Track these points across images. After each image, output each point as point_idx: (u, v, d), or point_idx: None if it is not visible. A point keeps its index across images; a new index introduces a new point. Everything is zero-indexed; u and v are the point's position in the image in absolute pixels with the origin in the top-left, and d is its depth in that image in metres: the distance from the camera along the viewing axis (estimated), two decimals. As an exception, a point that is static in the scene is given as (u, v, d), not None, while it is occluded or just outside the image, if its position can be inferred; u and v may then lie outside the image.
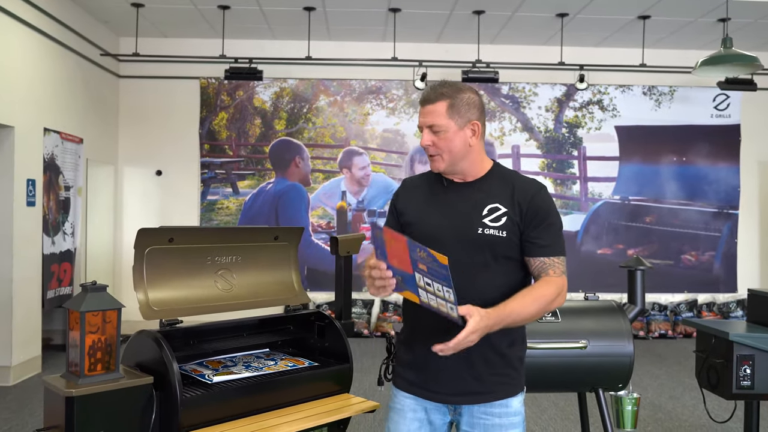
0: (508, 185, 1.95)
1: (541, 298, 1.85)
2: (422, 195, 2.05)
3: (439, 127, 1.91)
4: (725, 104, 8.03)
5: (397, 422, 2.00)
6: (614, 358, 2.89)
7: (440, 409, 1.97)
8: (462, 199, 1.96)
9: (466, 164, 1.96)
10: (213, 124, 7.80)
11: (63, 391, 1.98)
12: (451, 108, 1.91)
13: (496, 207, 1.92)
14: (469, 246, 1.90)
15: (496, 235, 1.90)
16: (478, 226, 1.90)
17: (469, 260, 1.89)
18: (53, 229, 6.05)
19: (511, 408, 1.93)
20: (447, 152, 1.93)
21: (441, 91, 1.92)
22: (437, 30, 7.33)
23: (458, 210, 1.95)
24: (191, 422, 2.13)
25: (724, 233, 8.04)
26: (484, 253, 1.90)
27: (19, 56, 5.51)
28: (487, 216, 1.91)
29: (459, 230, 1.92)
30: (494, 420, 1.91)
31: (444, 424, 1.99)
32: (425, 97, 1.94)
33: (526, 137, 7.98)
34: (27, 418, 4.57)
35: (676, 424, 4.55)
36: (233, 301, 2.53)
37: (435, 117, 1.92)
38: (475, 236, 1.90)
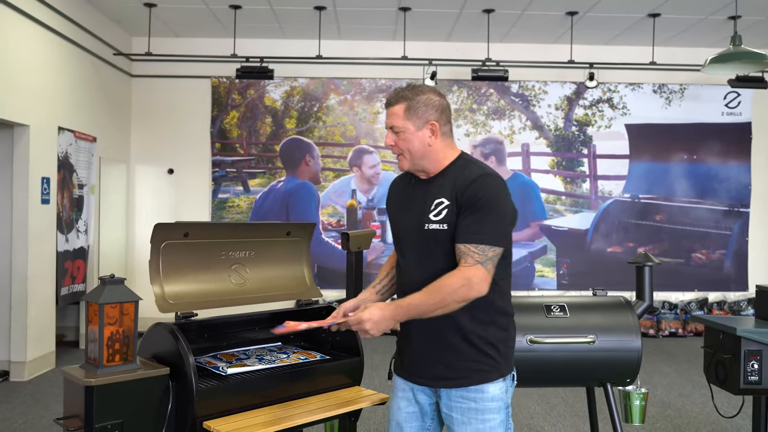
0: (455, 177, 2.01)
1: (442, 289, 1.91)
2: (397, 196, 2.22)
3: (398, 128, 2.04)
4: (736, 102, 8.01)
5: (392, 399, 2.21)
6: (622, 353, 2.91)
7: (425, 391, 2.10)
8: (420, 197, 2.08)
9: (427, 162, 2.06)
10: (224, 122, 7.86)
11: (82, 381, 2.03)
12: (408, 110, 2.02)
13: (441, 201, 2.01)
14: (421, 242, 2.03)
15: (439, 228, 1.99)
16: (425, 222, 2.02)
17: (424, 255, 2.03)
18: (67, 226, 6.13)
19: (488, 393, 1.99)
20: (407, 152, 2.05)
21: (401, 94, 2.04)
22: (447, 29, 7.36)
23: (415, 207, 2.07)
24: (206, 412, 2.18)
25: (735, 231, 8.02)
26: (433, 247, 2.01)
27: (33, 56, 5.59)
28: (432, 211, 2.01)
29: (414, 227, 2.06)
30: (470, 404, 2.00)
31: (430, 404, 2.11)
32: (388, 99, 2.08)
33: (535, 136, 8.00)
34: (42, 411, 4.64)
35: (685, 421, 4.56)
36: (246, 295, 2.58)
37: (394, 119, 2.04)
38: (423, 232, 2.02)
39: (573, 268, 7.93)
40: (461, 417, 2.00)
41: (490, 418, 1.99)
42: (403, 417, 2.13)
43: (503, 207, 1.98)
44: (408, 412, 2.13)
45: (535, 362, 2.87)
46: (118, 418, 2.06)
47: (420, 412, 2.12)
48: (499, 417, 2.00)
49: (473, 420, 1.99)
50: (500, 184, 2.00)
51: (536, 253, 7.92)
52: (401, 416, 2.13)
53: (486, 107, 7.97)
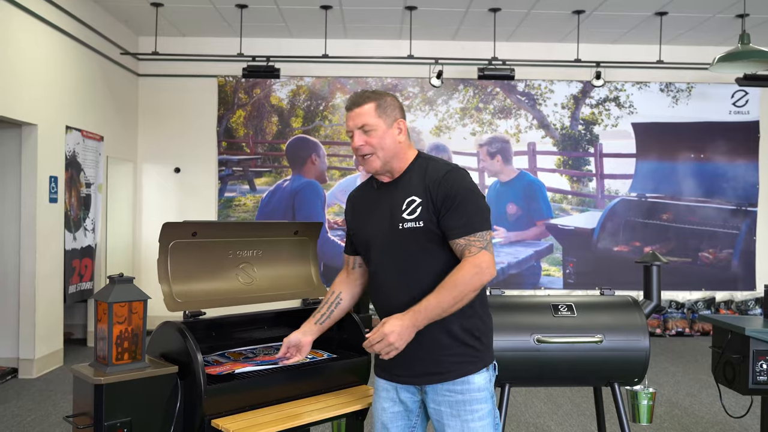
0: (421, 175, 2.04)
1: (457, 283, 1.92)
2: (360, 204, 2.22)
3: (370, 126, 2.03)
4: (744, 101, 7.98)
5: (375, 401, 2.20)
6: (630, 352, 2.90)
7: (409, 389, 2.11)
8: (388, 199, 2.08)
9: (396, 161, 2.08)
10: (230, 121, 7.88)
11: (92, 379, 2.04)
12: (378, 108, 2.04)
13: (413, 199, 2.02)
14: (396, 242, 2.03)
15: (414, 226, 2.00)
16: (399, 222, 2.02)
17: (400, 256, 2.03)
18: (75, 225, 6.15)
19: (474, 384, 2.02)
20: (380, 149, 2.04)
21: (366, 95, 2.06)
22: (453, 27, 7.36)
23: (384, 211, 2.08)
24: (214, 411, 2.18)
25: (743, 230, 7.99)
26: (409, 247, 2.02)
27: (41, 55, 5.62)
28: (405, 210, 2.02)
29: (386, 230, 2.05)
30: (457, 396, 2.02)
31: (414, 402, 2.13)
32: (353, 101, 2.07)
33: (542, 134, 7.98)
34: (50, 409, 4.67)
35: (693, 421, 4.55)
36: (254, 294, 2.59)
37: (365, 117, 2.04)
38: (398, 232, 2.02)
39: (579, 267, 7.91)
40: (450, 410, 2.02)
41: (479, 408, 2.02)
42: (388, 417, 2.14)
43: (480, 195, 2.04)
44: (393, 412, 2.13)
45: (543, 362, 2.87)
46: (127, 416, 2.07)
47: (405, 410, 2.13)
48: (487, 406, 2.03)
49: (462, 411, 2.01)
50: (469, 175, 2.07)
51: (542, 252, 7.91)
52: (386, 417, 2.14)
53: (492, 106, 7.95)
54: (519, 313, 2.92)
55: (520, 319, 2.88)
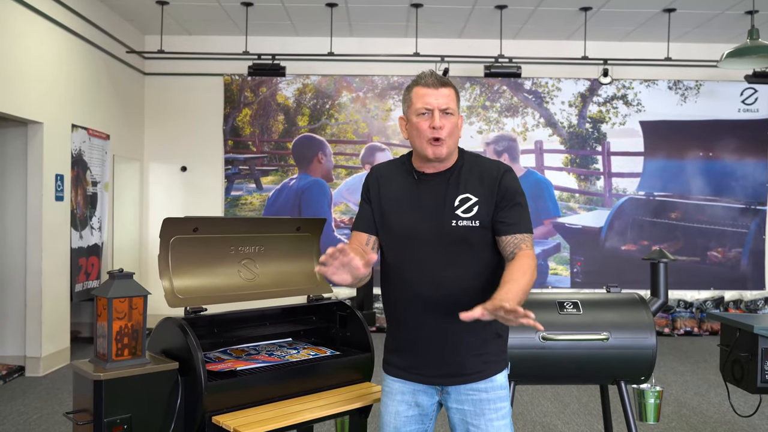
0: (475, 172, 2.00)
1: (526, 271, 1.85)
2: (396, 188, 2.05)
3: (452, 110, 1.96)
4: (753, 98, 7.91)
5: (386, 404, 2.09)
6: (636, 350, 2.87)
7: (428, 392, 2.05)
8: (434, 193, 1.99)
9: (454, 153, 2.03)
10: (237, 120, 7.88)
11: (91, 375, 2.03)
12: (457, 97, 2.01)
13: (467, 197, 1.97)
14: (445, 239, 1.95)
15: (470, 225, 1.95)
16: (452, 219, 1.95)
17: (446, 252, 1.96)
18: (81, 223, 6.16)
19: (497, 383, 2.02)
20: (451, 137, 1.97)
21: (445, 80, 1.99)
22: (459, 25, 7.32)
23: (431, 204, 1.99)
24: (215, 407, 2.17)
25: (752, 229, 7.92)
26: (459, 244, 1.96)
27: (47, 54, 5.63)
28: (459, 207, 1.96)
29: (432, 224, 1.96)
30: (482, 395, 1.99)
31: (431, 405, 2.07)
32: (438, 79, 1.95)
33: (549, 133, 7.94)
34: (56, 407, 4.67)
35: (701, 420, 4.50)
36: (256, 291, 2.57)
37: (450, 101, 1.96)
38: (449, 229, 1.95)
39: (587, 266, 7.87)
40: (474, 409, 1.99)
41: (502, 406, 2.01)
42: (401, 421, 2.06)
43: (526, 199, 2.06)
44: (407, 415, 2.06)
45: (548, 360, 2.84)
46: (127, 412, 2.05)
47: (420, 414, 2.06)
48: (507, 404, 2.03)
49: (486, 410, 1.98)
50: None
51: (550, 251, 7.87)
52: (399, 421, 2.06)
53: (499, 104, 7.92)
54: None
55: (525, 316, 2.85)
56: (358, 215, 2.13)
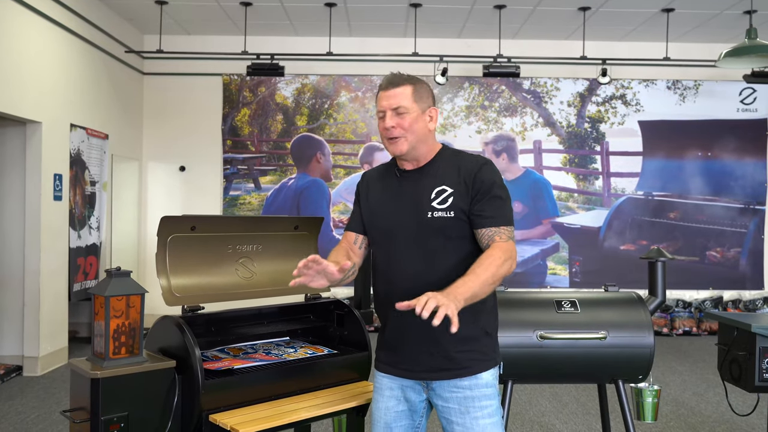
0: (454, 165, 2.03)
1: (491, 265, 1.86)
2: (379, 188, 2.15)
3: (404, 108, 2.00)
4: (752, 98, 7.91)
5: (377, 400, 2.12)
6: (634, 349, 2.87)
7: (415, 388, 2.07)
8: (413, 187, 2.04)
9: (424, 148, 2.05)
10: (235, 120, 7.88)
11: (88, 373, 2.03)
12: (414, 92, 2.02)
13: (443, 189, 2.00)
14: (422, 231, 1.99)
15: (445, 216, 1.97)
16: (428, 211, 1.99)
17: (425, 245, 1.99)
18: (79, 223, 6.16)
19: (482, 380, 2.00)
20: (411, 133, 2.01)
21: (404, 77, 2.04)
22: (458, 25, 7.33)
23: (410, 198, 2.03)
24: (212, 406, 2.17)
25: (751, 229, 7.92)
26: (437, 236, 1.98)
27: (46, 53, 5.62)
28: (435, 199, 1.99)
29: (411, 218, 2.01)
30: (466, 392, 1.99)
31: (420, 401, 2.08)
32: (389, 81, 2.03)
33: (547, 132, 7.94)
34: (54, 406, 4.67)
35: (699, 420, 4.50)
36: (254, 289, 2.57)
37: (401, 99, 2.01)
38: (426, 221, 1.98)
39: (585, 266, 7.87)
40: (458, 406, 1.99)
41: (488, 405, 2.00)
42: (392, 417, 2.08)
43: (507, 192, 2.04)
44: (397, 411, 2.08)
45: (546, 358, 2.84)
46: (124, 410, 2.05)
47: (409, 410, 2.08)
48: (494, 403, 2.01)
49: (471, 408, 1.98)
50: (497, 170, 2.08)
51: (548, 251, 7.87)
52: (390, 416, 2.08)
53: (497, 104, 7.92)
54: (522, 310, 2.88)
55: (523, 315, 2.85)
56: (350, 216, 2.26)
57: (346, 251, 2.15)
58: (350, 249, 2.17)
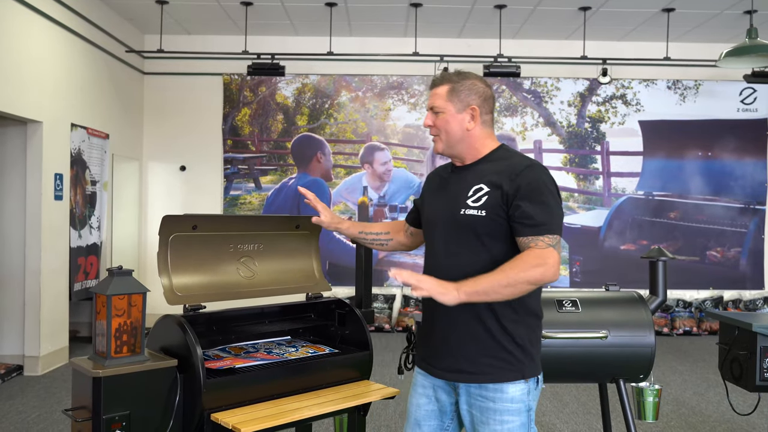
0: (499, 165, 1.99)
1: (515, 266, 1.82)
2: (436, 182, 2.19)
3: (438, 108, 2.03)
4: (752, 98, 7.92)
5: (411, 395, 2.16)
6: (635, 348, 2.87)
7: (445, 389, 2.06)
8: (457, 183, 2.05)
9: (464, 147, 2.04)
10: (236, 119, 7.88)
11: (90, 372, 2.03)
12: (451, 92, 2.02)
13: (480, 187, 1.98)
14: (455, 226, 2.00)
15: (476, 214, 1.95)
16: (462, 207, 1.98)
17: (455, 240, 2.00)
18: (80, 222, 6.16)
19: (507, 394, 1.93)
20: (444, 133, 2.04)
21: (447, 77, 2.04)
22: (459, 25, 7.33)
23: (451, 193, 2.05)
24: (214, 405, 2.17)
25: (751, 229, 7.92)
26: (467, 233, 1.97)
27: (47, 53, 5.63)
28: (471, 197, 1.98)
29: (448, 212, 2.03)
30: (488, 403, 1.94)
31: (450, 404, 2.07)
32: (433, 80, 2.08)
33: (548, 132, 7.94)
34: (55, 405, 4.67)
35: (700, 420, 4.50)
36: (255, 288, 2.56)
37: (435, 99, 2.04)
38: (458, 217, 1.98)
39: (586, 266, 7.87)
40: (480, 416, 1.95)
41: (509, 420, 1.92)
42: (422, 414, 2.09)
43: (557, 195, 1.96)
44: (427, 409, 2.08)
45: (547, 357, 2.82)
46: (125, 409, 2.05)
47: (439, 410, 2.08)
48: (518, 419, 1.93)
49: (491, 420, 1.93)
50: (548, 173, 1.98)
51: (549, 251, 7.85)
52: (420, 413, 2.09)
53: (498, 104, 7.92)
54: (523, 309, 2.88)
55: (523, 314, 2.85)
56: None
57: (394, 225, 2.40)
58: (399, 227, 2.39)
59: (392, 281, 7.79)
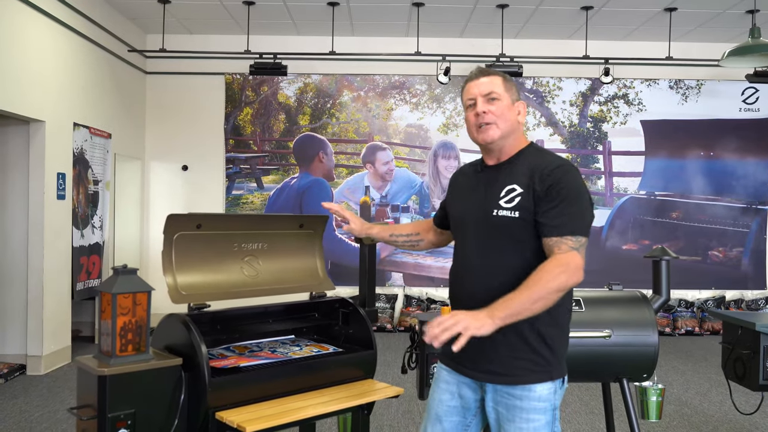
0: (530, 164, 1.96)
1: (540, 280, 1.80)
2: (462, 183, 2.16)
3: (497, 94, 1.99)
4: (754, 98, 7.91)
5: (433, 390, 2.14)
6: (638, 347, 2.87)
7: (471, 386, 2.04)
8: (488, 183, 2.02)
9: (510, 141, 2.02)
10: (238, 119, 7.88)
11: (96, 371, 2.03)
12: (505, 82, 2.01)
13: (513, 188, 1.94)
14: (487, 228, 1.97)
15: (509, 216, 1.92)
16: (494, 208, 1.95)
17: (488, 241, 1.96)
18: (82, 222, 6.17)
19: (534, 393, 1.92)
20: (502, 120, 1.99)
21: (492, 71, 2.04)
22: (461, 24, 7.33)
23: (482, 193, 2.01)
24: (219, 403, 2.17)
25: (753, 229, 7.92)
26: (500, 235, 1.94)
27: (49, 52, 5.63)
28: (503, 197, 1.95)
29: (479, 213, 1.99)
30: (515, 402, 1.93)
31: (475, 400, 2.05)
32: (480, 71, 2.04)
33: (550, 132, 7.94)
34: (57, 405, 4.67)
35: (702, 419, 4.50)
36: (259, 287, 2.57)
37: (493, 86, 2.00)
38: (491, 218, 1.95)
39: (587, 265, 7.69)
40: (507, 413, 1.94)
41: (535, 419, 1.92)
42: (443, 410, 2.07)
43: (587, 197, 1.94)
44: (449, 405, 2.06)
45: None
46: (130, 408, 2.06)
47: (462, 407, 2.06)
48: (544, 418, 1.93)
49: (517, 418, 1.92)
50: (579, 174, 1.97)
51: (550, 251, 7.85)
52: (441, 409, 2.07)
53: (500, 103, 7.90)
54: (526, 308, 2.88)
55: (527, 313, 2.85)
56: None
57: (423, 225, 2.41)
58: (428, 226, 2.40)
59: (395, 281, 7.80)
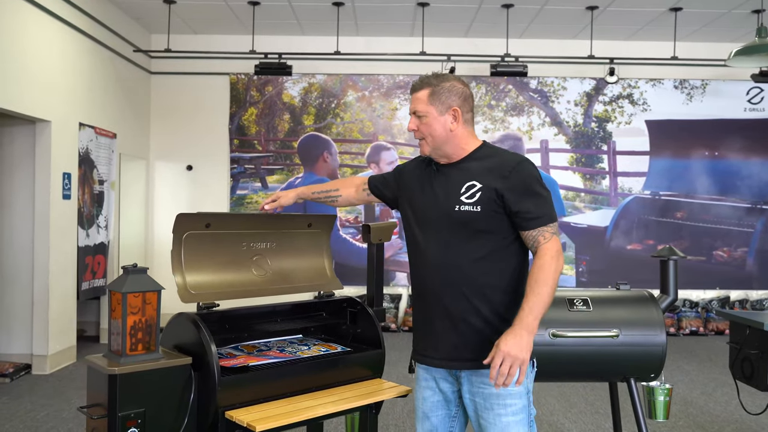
0: (489, 162, 2.06)
1: (548, 277, 1.93)
2: (417, 178, 2.21)
3: (420, 112, 2.08)
4: (759, 98, 7.90)
5: (416, 390, 2.22)
6: (646, 347, 2.87)
7: (447, 378, 2.12)
8: (446, 180, 2.09)
9: (449, 147, 2.09)
10: (242, 119, 7.89)
11: (106, 370, 2.04)
12: (432, 95, 2.07)
13: (473, 184, 2.03)
14: (449, 223, 2.04)
15: (471, 210, 2.01)
16: (456, 204, 2.03)
17: (451, 236, 2.04)
18: (88, 222, 6.18)
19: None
20: (429, 136, 2.08)
21: (426, 81, 2.10)
22: (466, 24, 7.33)
23: (441, 190, 2.09)
24: (228, 402, 2.18)
25: (758, 229, 7.90)
26: (462, 229, 2.03)
27: (55, 52, 5.64)
28: (464, 194, 2.03)
29: (441, 209, 2.07)
30: (491, 389, 2.00)
31: (453, 392, 2.13)
32: (413, 85, 2.13)
33: (554, 132, 7.93)
34: (63, 404, 4.68)
35: (708, 419, 4.49)
36: (268, 286, 2.57)
37: (417, 103, 2.09)
38: (453, 213, 2.03)
39: (592, 265, 7.86)
40: (484, 402, 2.02)
41: (512, 404, 2.00)
42: (428, 407, 2.15)
43: (546, 186, 2.06)
44: (433, 401, 2.14)
45: (558, 356, 2.84)
46: (140, 407, 2.06)
47: (444, 400, 2.14)
48: (520, 402, 2.02)
49: (495, 405, 2.00)
50: (536, 166, 2.09)
51: (555, 251, 7.84)
52: (426, 406, 2.15)
53: (504, 103, 7.92)
54: (534, 308, 2.88)
55: (535, 313, 2.85)
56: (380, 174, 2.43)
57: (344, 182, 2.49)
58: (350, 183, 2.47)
59: (399, 281, 7.80)
